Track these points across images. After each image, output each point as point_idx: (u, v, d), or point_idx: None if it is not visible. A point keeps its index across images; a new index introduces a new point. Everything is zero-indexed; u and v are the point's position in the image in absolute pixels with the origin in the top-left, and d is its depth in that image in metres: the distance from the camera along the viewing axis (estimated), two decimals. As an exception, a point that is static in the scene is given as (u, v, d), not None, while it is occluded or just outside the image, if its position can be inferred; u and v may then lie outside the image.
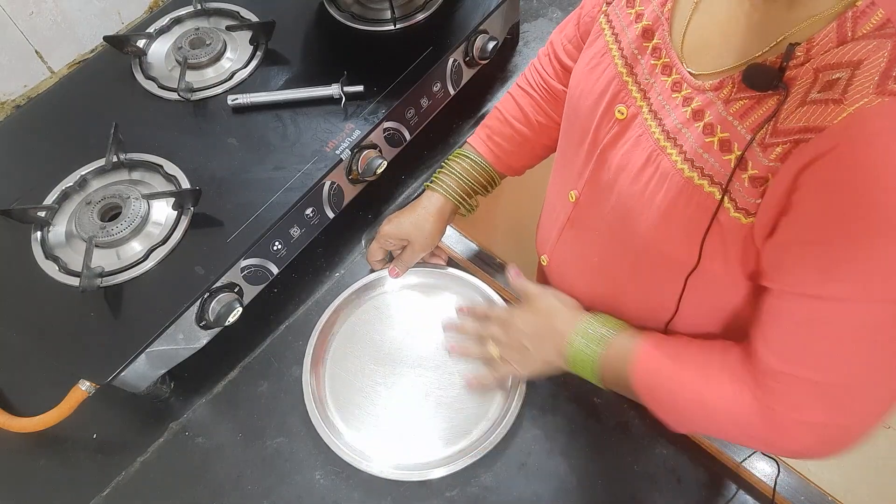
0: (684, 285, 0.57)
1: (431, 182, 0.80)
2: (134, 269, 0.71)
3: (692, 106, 0.51)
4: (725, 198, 0.49)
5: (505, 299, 0.80)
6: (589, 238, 0.67)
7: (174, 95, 0.85)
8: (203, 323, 0.71)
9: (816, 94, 0.43)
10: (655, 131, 0.54)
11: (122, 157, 0.79)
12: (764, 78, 0.46)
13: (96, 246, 0.72)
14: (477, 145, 0.80)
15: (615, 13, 0.60)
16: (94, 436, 0.74)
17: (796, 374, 0.50)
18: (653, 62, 0.55)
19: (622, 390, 0.64)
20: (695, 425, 0.60)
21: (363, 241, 0.86)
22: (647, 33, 0.56)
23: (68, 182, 0.78)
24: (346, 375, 0.75)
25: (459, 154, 0.80)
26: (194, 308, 0.69)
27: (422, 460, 0.69)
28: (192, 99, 0.85)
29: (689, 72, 0.52)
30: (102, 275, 0.70)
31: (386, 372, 0.75)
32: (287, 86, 0.85)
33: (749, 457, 0.68)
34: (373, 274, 0.81)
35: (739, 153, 0.48)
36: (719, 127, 0.49)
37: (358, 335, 0.78)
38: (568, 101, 0.68)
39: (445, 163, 0.81)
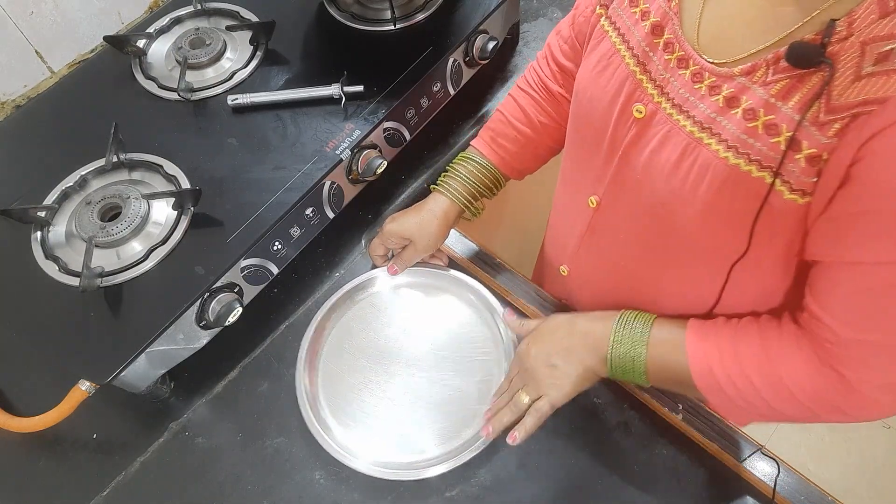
0: (727, 275, 0.57)
1: (437, 185, 0.80)
2: (134, 269, 0.71)
3: (723, 94, 0.51)
4: (778, 180, 0.49)
5: (505, 300, 0.80)
6: (613, 242, 0.67)
7: (174, 95, 0.85)
8: (203, 323, 0.71)
9: (871, 68, 0.43)
10: (686, 124, 0.54)
11: (122, 157, 0.79)
12: (807, 55, 0.45)
13: (96, 246, 0.72)
14: (481, 147, 0.80)
15: (617, 14, 0.60)
16: (94, 436, 0.74)
17: (867, 339, 0.50)
18: (667, 57, 0.55)
19: (672, 387, 0.64)
20: (763, 412, 0.58)
21: (363, 241, 0.86)
22: (657, 29, 0.56)
23: (68, 182, 0.78)
24: (340, 372, 0.76)
25: (464, 157, 0.81)
26: (194, 308, 0.69)
27: (415, 459, 0.69)
28: (192, 99, 0.85)
29: (711, 62, 0.52)
30: (102, 275, 0.70)
31: (380, 370, 0.75)
32: (287, 86, 0.85)
33: (749, 456, 0.68)
34: (370, 272, 0.81)
35: (789, 134, 0.47)
36: (762, 111, 0.49)
37: (354, 332, 0.78)
38: (575, 107, 0.67)
39: (451, 166, 0.81)
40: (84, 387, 0.67)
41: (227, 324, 0.71)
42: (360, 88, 0.82)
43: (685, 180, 0.54)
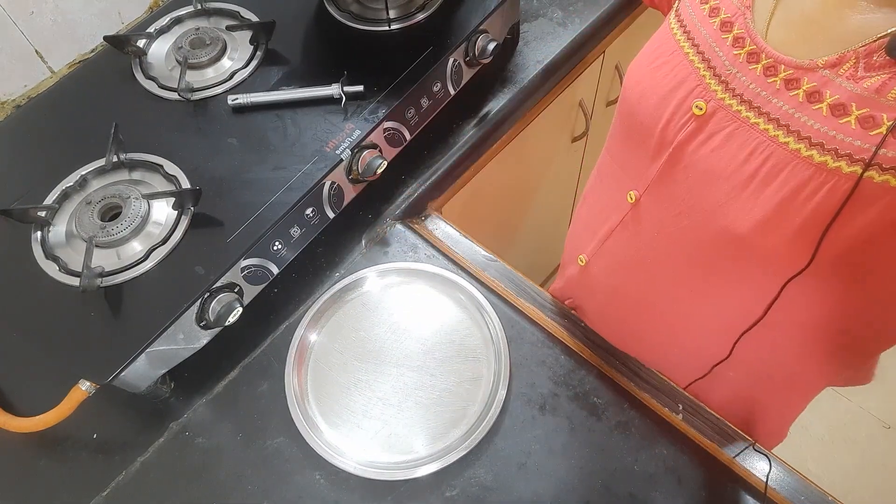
0: (780, 292, 0.55)
1: None
2: (134, 269, 0.71)
3: (804, 87, 0.49)
4: (874, 172, 0.46)
5: (510, 304, 0.80)
6: (646, 239, 0.66)
7: (174, 95, 0.85)
8: (203, 323, 0.71)
9: None
10: (758, 121, 0.51)
11: (122, 156, 0.79)
12: None
13: (96, 246, 0.72)
14: None
15: (686, 11, 0.58)
16: (95, 436, 0.74)
17: None
18: (735, 52, 0.53)
19: None
20: None
21: (363, 241, 0.86)
22: (726, 26, 0.54)
23: (68, 182, 0.78)
24: (329, 372, 0.76)
25: None
26: (194, 308, 0.69)
27: (404, 458, 0.69)
28: (192, 99, 0.85)
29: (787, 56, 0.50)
30: (102, 275, 0.70)
31: (370, 370, 0.75)
32: (287, 86, 0.85)
33: (741, 452, 0.68)
34: (360, 272, 0.81)
35: (890, 123, 0.45)
36: (854, 105, 0.47)
37: (343, 332, 0.78)
38: (624, 103, 0.65)
39: None
40: (84, 387, 0.67)
41: (227, 324, 0.71)
42: (360, 88, 0.82)
43: (749, 181, 0.52)
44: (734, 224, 0.54)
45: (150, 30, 0.93)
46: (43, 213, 0.75)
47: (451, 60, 0.87)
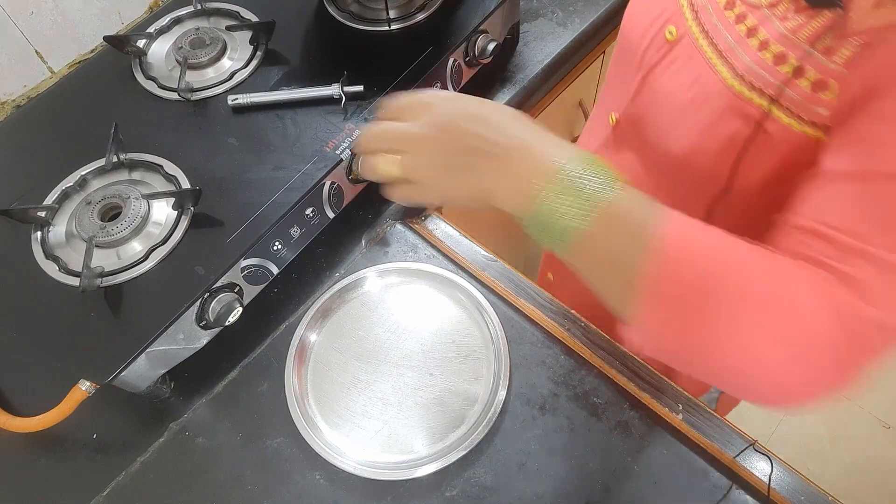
0: (706, 216, 0.58)
1: None
2: (134, 269, 0.71)
3: (746, 23, 0.52)
4: (775, 107, 0.50)
5: (510, 304, 0.80)
6: (625, 161, 0.69)
7: (174, 95, 0.85)
8: (203, 323, 0.71)
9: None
10: (707, 50, 0.55)
11: (122, 157, 0.79)
12: None
13: (96, 246, 0.72)
14: None
15: None
16: (94, 436, 0.74)
17: (880, 253, 0.40)
18: None
19: (600, 258, 0.45)
20: (711, 327, 0.42)
21: (363, 242, 0.86)
22: None
23: (68, 182, 0.78)
24: (329, 372, 0.76)
25: None
26: (194, 308, 0.69)
27: (404, 458, 0.69)
28: (192, 99, 0.85)
29: None
30: (102, 275, 0.70)
31: (369, 370, 0.75)
32: (287, 86, 0.85)
33: (742, 452, 0.68)
34: (360, 272, 0.81)
35: (796, 64, 0.48)
36: (774, 42, 0.50)
37: (343, 332, 0.78)
38: (621, 32, 0.69)
39: None
40: (84, 387, 0.67)
41: (227, 324, 0.71)
42: (360, 88, 0.82)
43: (689, 106, 0.55)
44: (674, 146, 0.58)
45: (150, 30, 0.93)
46: (43, 213, 0.75)
47: (450, 60, 0.87)
